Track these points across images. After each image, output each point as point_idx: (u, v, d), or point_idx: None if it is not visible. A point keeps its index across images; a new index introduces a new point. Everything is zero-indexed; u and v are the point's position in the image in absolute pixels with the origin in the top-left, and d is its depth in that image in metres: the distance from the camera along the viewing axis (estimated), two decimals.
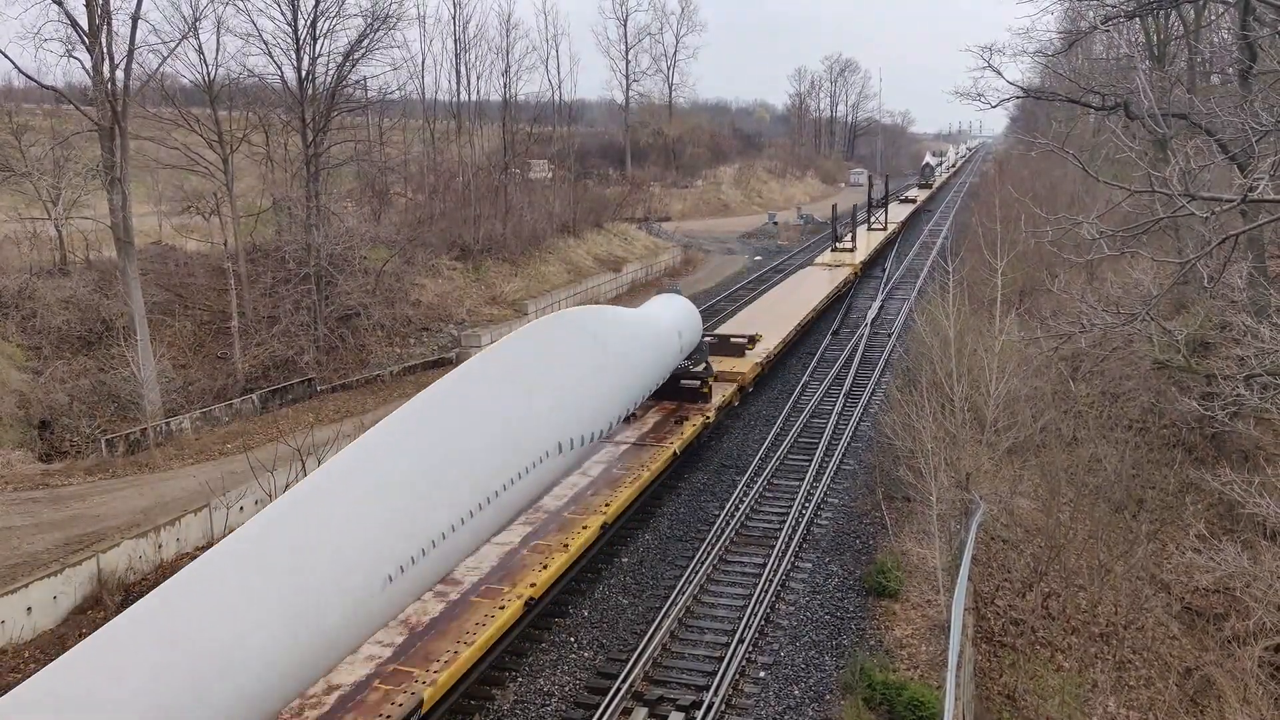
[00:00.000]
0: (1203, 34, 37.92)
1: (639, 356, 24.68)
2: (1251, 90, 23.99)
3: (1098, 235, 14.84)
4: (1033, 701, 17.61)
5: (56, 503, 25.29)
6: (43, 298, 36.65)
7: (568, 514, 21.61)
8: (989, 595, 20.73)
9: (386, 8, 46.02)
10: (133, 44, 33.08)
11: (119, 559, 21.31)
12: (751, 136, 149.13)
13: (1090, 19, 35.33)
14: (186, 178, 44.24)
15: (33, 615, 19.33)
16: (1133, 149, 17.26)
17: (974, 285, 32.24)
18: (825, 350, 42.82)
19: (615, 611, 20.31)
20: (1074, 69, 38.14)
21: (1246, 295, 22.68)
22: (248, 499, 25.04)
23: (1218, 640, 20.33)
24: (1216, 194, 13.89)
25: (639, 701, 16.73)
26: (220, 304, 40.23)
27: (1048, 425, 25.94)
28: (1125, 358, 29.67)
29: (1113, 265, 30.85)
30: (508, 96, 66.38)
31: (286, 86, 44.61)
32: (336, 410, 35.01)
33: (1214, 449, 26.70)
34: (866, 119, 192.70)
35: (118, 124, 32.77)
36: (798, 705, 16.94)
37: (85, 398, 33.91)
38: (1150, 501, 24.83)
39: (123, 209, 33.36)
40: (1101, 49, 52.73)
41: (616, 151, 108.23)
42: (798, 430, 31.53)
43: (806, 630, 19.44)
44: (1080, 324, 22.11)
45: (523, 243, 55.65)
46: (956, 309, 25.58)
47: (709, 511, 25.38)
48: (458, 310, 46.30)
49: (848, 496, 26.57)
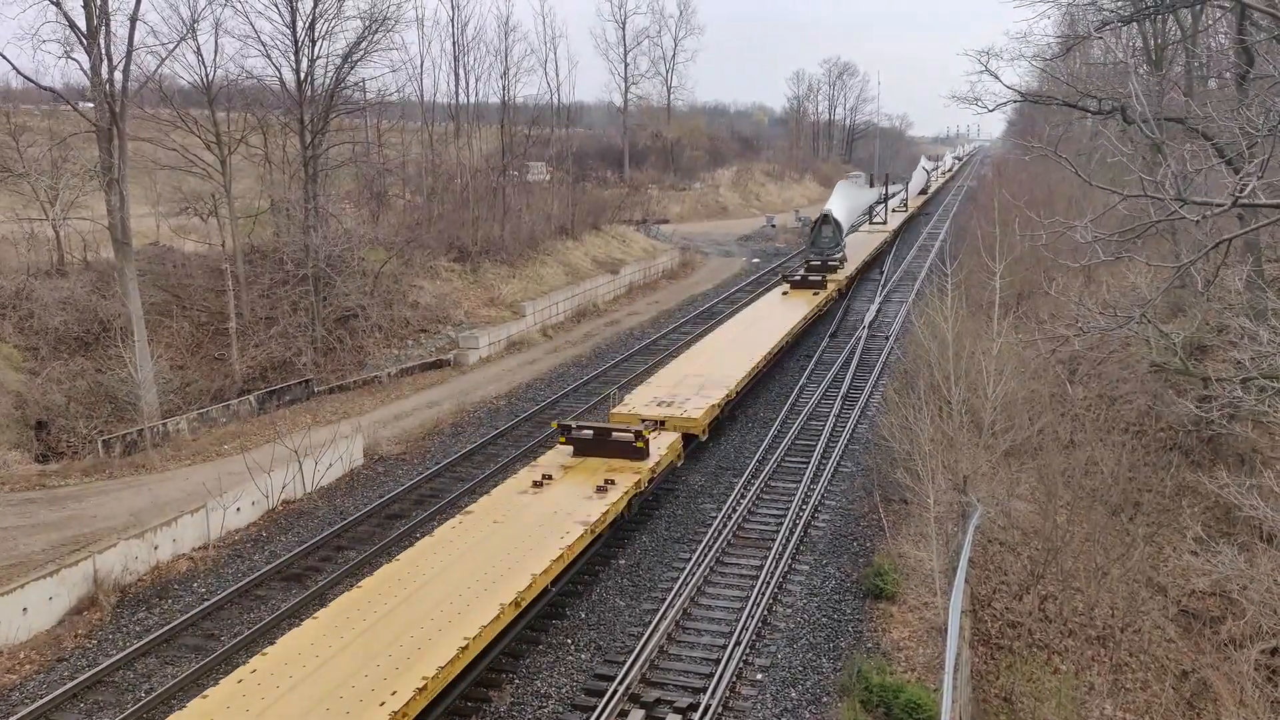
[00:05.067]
0: (1200, 39, 37.95)
1: None
2: (1248, 95, 24.04)
3: (1093, 239, 14.87)
4: (1029, 704, 17.60)
5: (52, 503, 25.26)
6: (40, 298, 36.59)
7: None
8: (986, 598, 20.73)
9: (385, 10, 46.04)
10: (131, 45, 33.09)
11: (115, 560, 21.27)
12: (750, 139, 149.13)
13: (1087, 24, 35.43)
14: (184, 179, 44.16)
15: (28, 616, 19.29)
16: (1125, 153, 17.27)
17: (972, 288, 32.30)
18: (823, 353, 42.88)
19: (612, 613, 20.31)
20: (1071, 73, 38.17)
21: (1245, 298, 22.72)
22: (244, 500, 25.03)
23: (1214, 643, 20.34)
24: (1209, 198, 13.91)
25: (636, 704, 16.72)
26: (218, 305, 40.20)
27: (1045, 428, 25.96)
28: (1122, 361, 29.72)
29: (1110, 269, 30.89)
30: (506, 99, 66.30)
31: (285, 88, 44.61)
32: (334, 411, 35.01)
33: (1211, 452, 26.72)
34: (864, 122, 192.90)
35: (116, 125, 32.76)
36: (795, 707, 16.94)
37: (82, 398, 33.87)
38: (1147, 504, 24.85)
39: (120, 210, 33.34)
40: (1099, 53, 52.75)
41: (615, 154, 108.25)
42: (795, 432, 31.54)
43: (804, 632, 19.45)
44: (1077, 327, 22.16)
45: (521, 244, 55.63)
46: (954, 312, 25.61)
47: (706, 513, 25.39)
48: (455, 312, 46.28)
49: (845, 499, 26.58)
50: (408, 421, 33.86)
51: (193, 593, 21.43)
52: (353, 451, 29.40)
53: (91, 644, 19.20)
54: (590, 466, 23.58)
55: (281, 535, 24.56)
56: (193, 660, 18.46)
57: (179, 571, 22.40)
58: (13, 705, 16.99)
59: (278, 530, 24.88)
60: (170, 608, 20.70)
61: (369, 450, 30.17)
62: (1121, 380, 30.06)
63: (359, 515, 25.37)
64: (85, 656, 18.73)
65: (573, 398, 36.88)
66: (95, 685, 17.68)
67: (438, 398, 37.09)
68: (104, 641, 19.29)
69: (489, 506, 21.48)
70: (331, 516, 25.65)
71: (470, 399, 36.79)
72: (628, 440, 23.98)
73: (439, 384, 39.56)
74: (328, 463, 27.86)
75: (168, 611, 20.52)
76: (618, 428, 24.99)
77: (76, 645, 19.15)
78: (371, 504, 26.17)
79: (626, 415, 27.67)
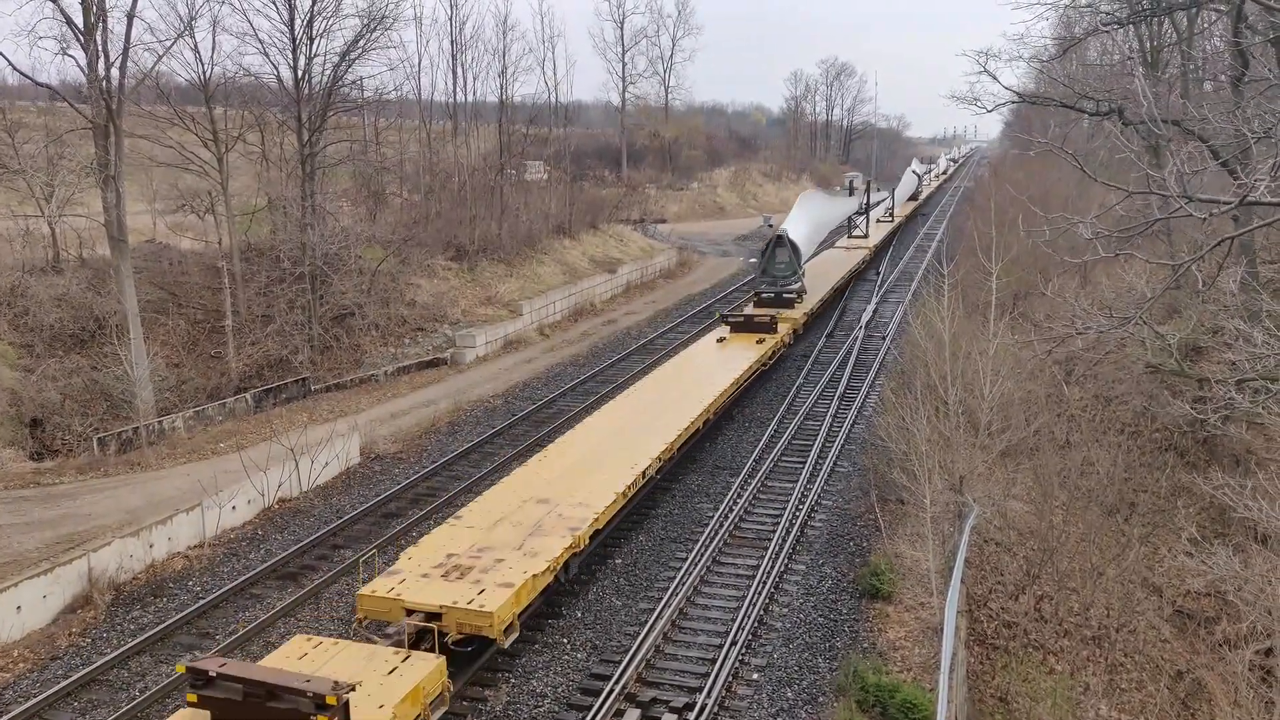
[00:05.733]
0: (1196, 41, 38.01)
1: None
2: (1244, 97, 24.08)
3: (1093, 236, 14.88)
4: (1025, 704, 17.62)
5: (47, 501, 25.20)
6: (35, 295, 36.50)
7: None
8: (982, 598, 20.75)
9: (383, 8, 45.93)
10: (128, 42, 33.03)
11: (110, 558, 21.23)
12: (747, 139, 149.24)
13: (1084, 25, 35.48)
14: (181, 176, 44.09)
15: (22, 614, 19.25)
16: (1131, 149, 17.30)
17: (968, 289, 32.30)
18: (820, 353, 42.90)
19: (608, 613, 20.30)
20: (1069, 74, 38.22)
21: (1239, 300, 22.74)
22: (240, 498, 24.99)
23: (1209, 644, 20.36)
24: (1213, 197, 13.93)
25: (632, 703, 16.72)
26: (214, 303, 40.13)
27: (1041, 428, 25.99)
28: (1118, 361, 29.74)
29: (1106, 269, 30.93)
30: (504, 97, 66.31)
31: (282, 85, 44.55)
32: (330, 410, 34.97)
33: (1206, 453, 26.76)
34: (862, 123, 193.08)
35: (112, 122, 32.69)
36: (791, 707, 16.95)
37: (78, 396, 33.79)
38: (1142, 505, 24.88)
39: (117, 207, 33.27)
40: (1096, 55, 52.83)
41: (612, 153, 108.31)
42: (792, 432, 31.55)
43: (800, 632, 19.45)
44: (1074, 328, 22.15)
45: (518, 243, 55.62)
46: (951, 312, 25.62)
47: (703, 513, 25.39)
48: (452, 310, 46.24)
49: (841, 499, 26.60)
50: (404, 420, 33.83)
51: (188, 591, 21.39)
52: (349, 450, 29.37)
53: (86, 642, 19.17)
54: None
55: (277, 534, 24.53)
56: (187, 659, 18.41)
57: (174, 570, 22.36)
58: (6, 704, 16.95)
59: (274, 529, 24.84)
60: (165, 606, 20.66)
61: (365, 449, 30.14)
62: (1117, 381, 30.09)
63: (355, 514, 25.34)
64: (79, 655, 18.70)
65: (570, 397, 36.85)
66: (89, 684, 17.65)
67: (434, 396, 37.06)
68: (98, 640, 19.25)
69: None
70: (328, 515, 25.61)
71: (467, 398, 36.77)
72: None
73: (436, 383, 39.54)
74: (324, 461, 27.82)
75: (162, 610, 20.48)
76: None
77: (70, 643, 19.12)
78: (368, 502, 26.14)
79: (381, 600, 17.12)
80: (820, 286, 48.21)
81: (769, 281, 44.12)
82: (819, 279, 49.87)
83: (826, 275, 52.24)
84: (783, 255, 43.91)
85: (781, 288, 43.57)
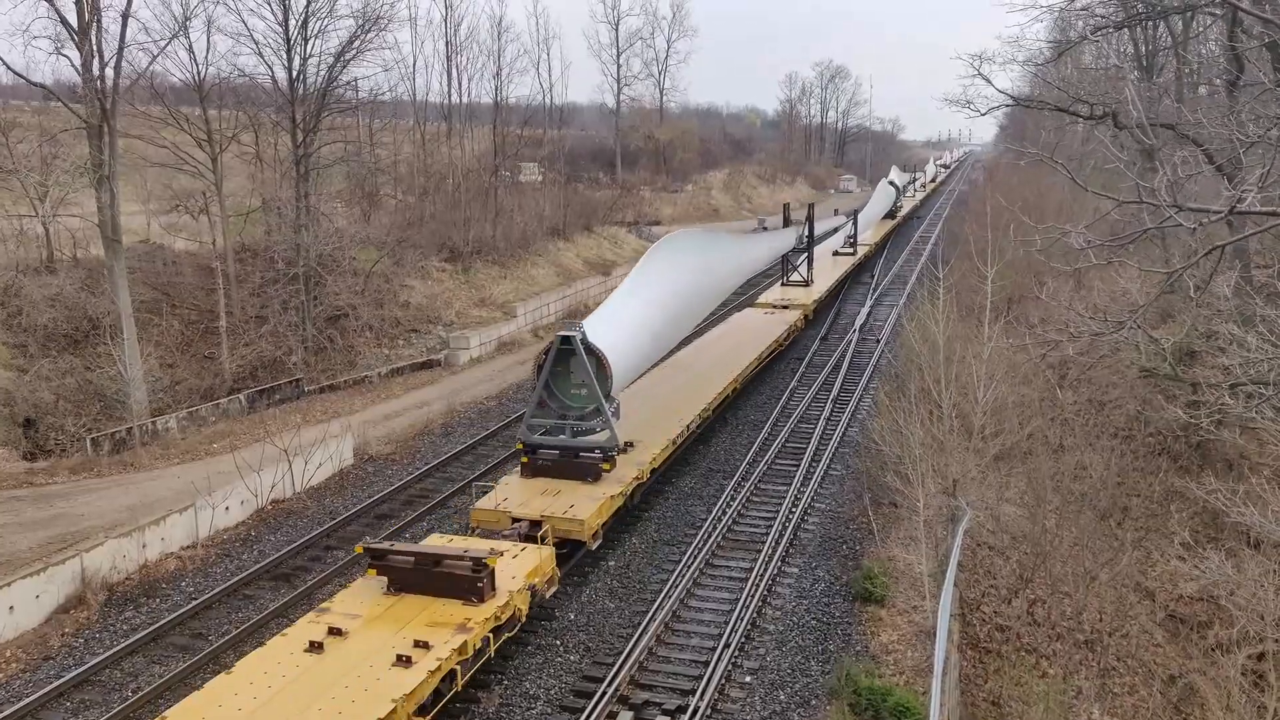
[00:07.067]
0: (1191, 45, 38.16)
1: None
2: (1238, 101, 24.17)
3: (1086, 244, 14.93)
4: (1017, 708, 17.65)
5: (40, 501, 25.12)
6: (29, 295, 36.39)
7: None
8: (975, 601, 20.78)
9: (378, 9, 45.98)
10: (122, 42, 32.99)
11: (103, 558, 21.16)
12: (742, 142, 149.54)
13: (1079, 29, 35.57)
14: (175, 176, 43.99)
15: (15, 614, 19.18)
16: (1121, 159, 17.34)
17: (963, 293, 32.37)
18: (813, 356, 42.91)
19: (601, 615, 20.29)
20: (1063, 78, 38.34)
21: (1233, 304, 22.82)
22: (233, 499, 24.93)
23: (1201, 648, 20.44)
24: (1204, 205, 13.97)
25: (624, 705, 16.71)
26: (208, 303, 40.05)
27: (1034, 432, 26.06)
28: (1112, 366, 29.83)
29: (1100, 274, 31.01)
30: (498, 99, 66.39)
31: (277, 86, 44.50)
32: (324, 411, 34.91)
33: (1199, 457, 26.85)
34: (856, 125, 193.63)
35: (106, 122, 32.63)
36: (783, 710, 16.95)
37: (71, 396, 33.70)
38: (1135, 509, 24.96)
39: (111, 207, 33.20)
40: (1090, 59, 53.00)
41: (607, 155, 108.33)
42: (785, 435, 31.56)
43: (793, 635, 19.46)
44: (1068, 332, 22.22)
45: (512, 245, 55.61)
46: (945, 316, 25.68)
47: (696, 515, 25.39)
48: (446, 312, 46.22)
49: (835, 502, 26.61)
50: (398, 421, 33.79)
51: (181, 592, 21.34)
52: (342, 451, 29.33)
53: (79, 642, 19.10)
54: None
55: (270, 535, 24.47)
56: (180, 659, 18.38)
57: (167, 570, 22.30)
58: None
59: (267, 529, 24.79)
60: (158, 607, 20.60)
61: (359, 450, 30.09)
62: (1111, 385, 30.19)
63: (348, 515, 25.30)
64: (72, 655, 18.63)
65: None
66: (82, 684, 17.59)
67: (428, 398, 37.02)
68: (91, 640, 19.19)
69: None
70: (321, 516, 25.56)
71: (461, 399, 36.73)
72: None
73: (429, 384, 39.49)
74: (317, 462, 27.77)
75: (155, 610, 20.42)
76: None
77: (63, 644, 19.05)
78: (361, 503, 26.10)
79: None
80: (671, 417, 28.12)
81: (557, 412, 23.84)
82: (689, 386, 31.30)
83: (699, 380, 32.22)
84: (578, 373, 23.51)
85: (576, 428, 23.64)
